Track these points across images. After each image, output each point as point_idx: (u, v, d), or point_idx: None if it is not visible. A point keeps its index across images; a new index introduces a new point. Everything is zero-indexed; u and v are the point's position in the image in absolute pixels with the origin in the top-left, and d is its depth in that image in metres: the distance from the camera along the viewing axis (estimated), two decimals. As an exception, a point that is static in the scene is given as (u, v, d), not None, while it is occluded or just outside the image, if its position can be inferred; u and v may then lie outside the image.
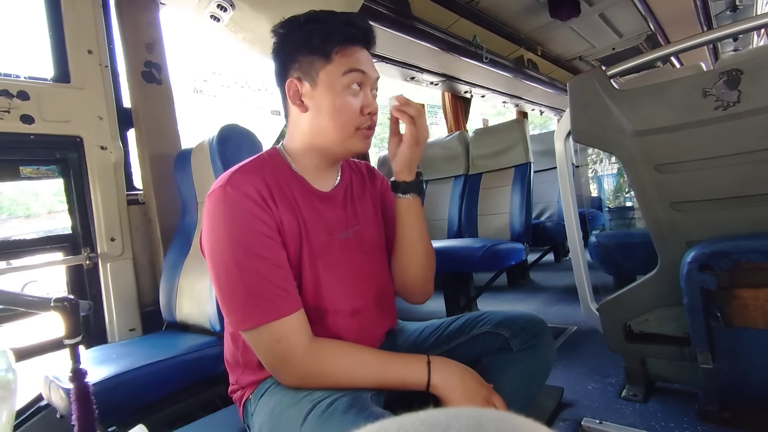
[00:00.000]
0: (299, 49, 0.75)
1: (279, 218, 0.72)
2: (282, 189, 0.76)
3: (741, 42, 4.90)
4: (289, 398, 0.68)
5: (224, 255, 0.68)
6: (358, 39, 0.76)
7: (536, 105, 5.35)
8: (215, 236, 0.69)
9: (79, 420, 0.85)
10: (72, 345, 0.85)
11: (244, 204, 0.69)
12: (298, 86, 0.76)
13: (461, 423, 0.17)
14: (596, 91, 1.17)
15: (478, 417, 0.18)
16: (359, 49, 0.77)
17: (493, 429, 0.17)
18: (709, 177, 1.08)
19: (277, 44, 0.79)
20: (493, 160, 2.69)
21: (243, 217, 0.69)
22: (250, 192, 0.70)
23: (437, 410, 0.19)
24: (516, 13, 3.58)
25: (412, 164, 0.83)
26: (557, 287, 2.87)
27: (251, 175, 0.73)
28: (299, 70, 0.76)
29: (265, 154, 0.81)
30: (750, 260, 0.98)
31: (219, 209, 0.69)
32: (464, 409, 0.19)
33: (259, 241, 0.69)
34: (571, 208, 1.47)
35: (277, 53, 0.79)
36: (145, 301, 1.72)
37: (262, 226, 0.69)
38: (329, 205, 0.82)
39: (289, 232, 0.74)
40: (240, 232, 0.68)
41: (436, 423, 0.17)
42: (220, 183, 0.71)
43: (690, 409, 1.20)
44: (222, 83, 2.40)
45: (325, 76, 0.74)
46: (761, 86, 0.98)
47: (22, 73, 1.51)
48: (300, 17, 0.76)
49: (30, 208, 5.03)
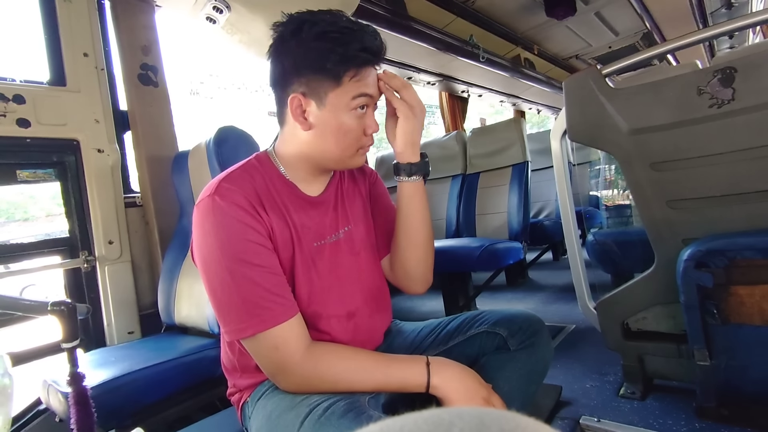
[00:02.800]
0: (308, 67, 0.70)
1: (269, 225, 0.72)
2: (272, 195, 0.75)
3: (736, 39, 4.91)
4: (287, 402, 0.68)
5: (217, 265, 0.67)
6: (371, 62, 0.73)
7: (533, 104, 5.35)
8: (207, 247, 0.69)
9: (78, 423, 0.85)
10: (69, 349, 0.85)
11: (234, 213, 0.68)
12: (302, 102, 0.72)
13: (464, 421, 0.17)
14: (592, 90, 1.17)
15: (480, 416, 0.18)
16: (371, 71, 0.74)
17: (496, 427, 0.17)
18: (705, 175, 1.08)
19: (279, 46, 0.73)
20: (490, 159, 2.69)
21: (233, 226, 0.68)
22: (238, 200, 0.69)
23: (440, 409, 0.19)
24: (512, 13, 3.59)
25: (414, 139, 0.79)
26: (555, 286, 2.88)
27: (239, 183, 0.72)
28: (305, 86, 0.72)
29: (253, 159, 0.79)
30: (746, 257, 0.99)
31: (208, 220, 0.68)
32: (467, 408, 0.19)
33: (251, 249, 0.68)
34: (568, 206, 1.47)
35: (279, 56, 0.73)
36: (143, 303, 1.72)
37: (253, 234, 0.69)
38: (320, 210, 0.81)
39: (281, 239, 0.73)
40: (231, 242, 0.67)
41: (439, 422, 0.17)
42: (208, 192, 0.70)
43: (688, 406, 1.20)
44: (219, 85, 2.40)
45: (334, 98, 0.71)
46: (755, 84, 0.98)
47: (18, 77, 1.51)
48: (312, 27, 0.69)
49: (28, 212, 5.01)
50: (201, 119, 2.33)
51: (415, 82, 3.65)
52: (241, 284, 0.67)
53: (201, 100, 2.28)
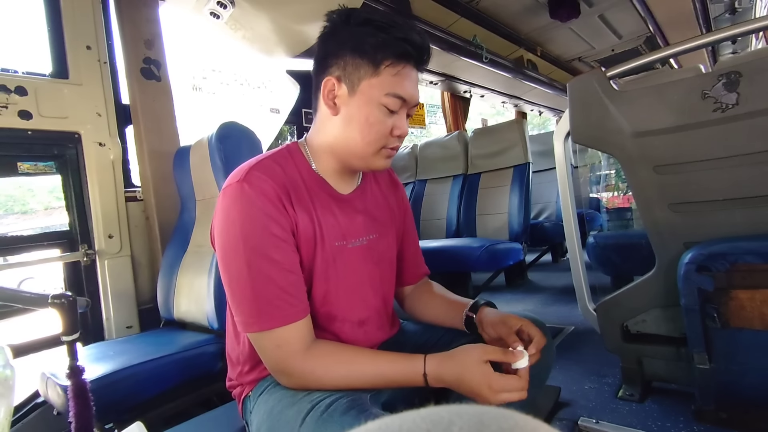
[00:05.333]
0: (348, 48, 0.71)
1: (295, 220, 0.71)
2: (300, 189, 0.74)
3: (739, 44, 4.92)
4: (288, 398, 0.68)
5: (236, 255, 0.67)
6: (410, 57, 0.72)
7: (535, 105, 5.35)
8: (229, 234, 0.68)
9: (77, 417, 0.85)
10: (69, 342, 0.85)
11: (261, 203, 0.67)
12: (336, 86, 0.72)
13: (463, 420, 0.17)
14: (596, 92, 1.17)
15: (479, 414, 0.18)
16: (410, 69, 0.73)
17: (495, 426, 0.17)
18: (707, 178, 1.08)
19: (327, 32, 0.74)
20: (491, 160, 2.70)
21: (258, 217, 0.67)
22: (267, 191, 0.68)
23: (439, 407, 0.19)
24: (516, 14, 3.58)
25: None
26: (555, 287, 2.88)
27: (269, 173, 0.70)
28: (342, 69, 0.72)
29: (284, 150, 0.78)
30: (747, 262, 0.99)
31: (235, 207, 0.67)
32: (466, 406, 0.19)
33: (272, 243, 0.67)
34: (570, 208, 1.47)
35: (324, 41, 0.74)
36: (142, 298, 1.71)
37: (276, 228, 0.68)
38: (346, 210, 0.80)
39: (304, 236, 0.72)
40: (254, 233, 0.67)
41: (439, 420, 0.17)
42: (237, 178, 0.69)
43: (686, 409, 1.20)
44: (221, 81, 2.40)
45: (367, 88, 0.71)
46: (760, 89, 0.98)
47: (20, 69, 1.51)
48: (360, 13, 0.72)
49: (27, 205, 5.01)
50: (203, 114, 2.32)
51: (418, 81, 3.65)
52: (256, 278, 0.66)
53: (203, 96, 2.28)
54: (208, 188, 1.48)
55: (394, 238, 0.89)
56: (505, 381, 0.64)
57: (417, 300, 0.96)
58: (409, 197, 3.04)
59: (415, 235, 0.99)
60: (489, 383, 0.64)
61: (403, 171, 3.22)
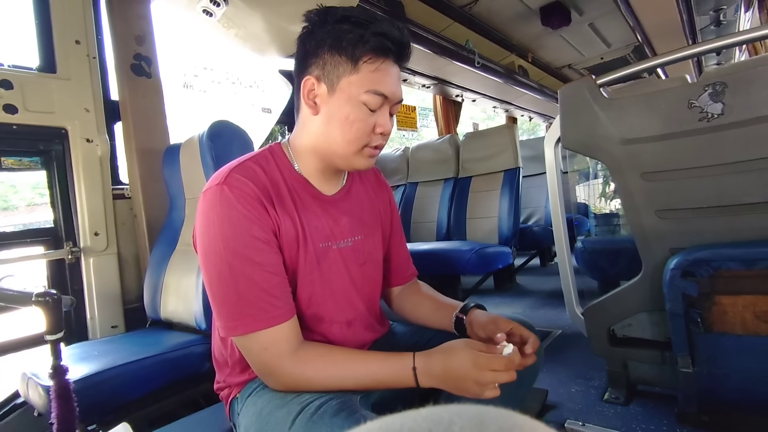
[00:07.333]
0: (326, 46, 0.70)
1: (277, 222, 0.70)
2: (282, 191, 0.73)
3: (724, 56, 5.05)
4: (278, 399, 0.67)
5: (218, 258, 0.66)
6: (390, 52, 0.71)
7: (526, 111, 5.42)
8: (209, 237, 0.67)
9: (59, 418, 0.83)
10: (53, 341, 0.83)
11: (241, 206, 0.66)
12: (315, 85, 0.72)
13: (463, 420, 0.17)
14: (586, 100, 1.19)
15: (479, 414, 0.18)
16: (390, 65, 0.72)
17: (495, 425, 0.17)
18: (693, 186, 1.11)
19: (305, 31, 0.73)
20: (482, 164, 2.72)
21: (239, 220, 0.66)
22: (247, 193, 0.67)
23: (439, 407, 0.19)
24: (508, 20, 3.63)
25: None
26: (543, 291, 2.91)
27: (250, 175, 0.70)
28: (320, 69, 0.71)
29: (266, 151, 0.78)
30: (730, 268, 1.01)
31: (215, 210, 0.67)
32: (466, 405, 0.19)
33: (254, 245, 0.67)
34: (559, 213, 1.49)
35: (303, 41, 0.73)
36: (128, 297, 1.68)
37: (257, 230, 0.67)
38: (331, 211, 0.79)
39: (287, 237, 0.72)
40: (235, 236, 0.66)
41: (439, 420, 0.18)
42: (217, 180, 0.69)
43: (670, 411, 1.23)
44: (213, 79, 2.37)
45: (347, 85, 0.70)
46: (745, 99, 1.01)
47: (6, 62, 1.47)
48: (338, 11, 0.70)
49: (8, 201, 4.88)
50: (194, 112, 2.30)
51: (410, 84, 3.67)
52: (239, 281, 0.65)
53: (194, 94, 2.26)
54: (198, 186, 1.46)
55: (380, 239, 0.89)
56: (489, 359, 0.63)
57: (405, 301, 0.96)
58: (400, 200, 3.04)
59: (403, 236, 0.99)
60: (474, 361, 0.63)
61: (395, 173, 3.23)
